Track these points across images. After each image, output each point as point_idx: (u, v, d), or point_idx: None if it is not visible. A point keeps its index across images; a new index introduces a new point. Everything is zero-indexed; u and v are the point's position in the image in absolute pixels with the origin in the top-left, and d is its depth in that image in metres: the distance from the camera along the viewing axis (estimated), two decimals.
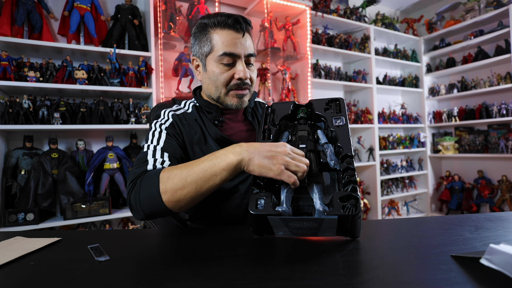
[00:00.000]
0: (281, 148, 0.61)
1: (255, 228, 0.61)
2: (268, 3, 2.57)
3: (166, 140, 0.77)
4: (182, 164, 0.65)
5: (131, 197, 0.66)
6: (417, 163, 3.64)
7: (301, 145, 0.67)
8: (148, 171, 0.69)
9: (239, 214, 0.83)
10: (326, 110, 0.73)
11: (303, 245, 0.57)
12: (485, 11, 3.09)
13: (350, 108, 3.21)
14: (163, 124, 0.81)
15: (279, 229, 0.60)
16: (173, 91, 2.38)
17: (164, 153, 0.74)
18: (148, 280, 0.44)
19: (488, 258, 0.41)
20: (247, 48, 0.83)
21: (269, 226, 0.60)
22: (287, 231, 0.60)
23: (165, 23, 2.23)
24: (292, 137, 0.71)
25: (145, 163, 0.71)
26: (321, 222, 0.55)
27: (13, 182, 1.81)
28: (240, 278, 0.44)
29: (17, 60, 1.85)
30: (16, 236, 0.67)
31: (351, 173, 0.61)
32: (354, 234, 0.58)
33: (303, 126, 0.71)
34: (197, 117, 0.87)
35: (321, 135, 0.71)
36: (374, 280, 0.42)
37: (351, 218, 0.54)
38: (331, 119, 0.71)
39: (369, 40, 3.18)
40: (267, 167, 0.59)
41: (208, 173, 0.61)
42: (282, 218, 0.56)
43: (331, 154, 0.66)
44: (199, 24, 0.85)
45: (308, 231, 0.58)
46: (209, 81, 0.85)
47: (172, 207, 0.64)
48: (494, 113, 3.04)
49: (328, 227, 0.56)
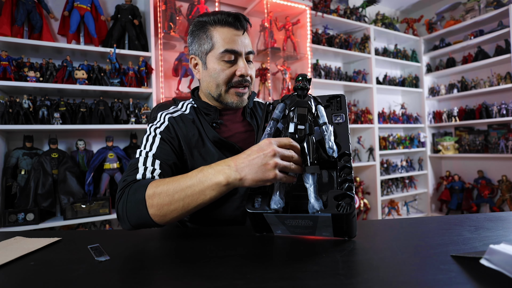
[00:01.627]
0: (267, 149, 0.58)
1: (254, 226, 0.62)
2: (268, 3, 2.57)
3: (159, 146, 0.76)
4: (171, 178, 0.63)
5: (119, 207, 0.65)
6: (417, 163, 3.64)
7: (300, 126, 0.62)
8: (137, 180, 0.68)
9: (238, 216, 0.83)
10: (326, 107, 0.71)
11: (303, 245, 0.57)
12: (485, 11, 3.09)
13: (350, 108, 3.21)
14: (158, 128, 0.80)
15: (277, 228, 0.60)
16: (173, 91, 2.38)
17: (155, 161, 0.72)
18: (148, 280, 0.44)
19: (488, 258, 0.41)
20: (247, 46, 0.83)
21: (267, 225, 0.60)
22: (285, 229, 0.60)
23: (165, 23, 2.23)
24: (290, 112, 0.65)
25: (135, 171, 0.70)
26: (315, 220, 0.55)
27: (13, 182, 1.81)
28: (240, 278, 0.44)
29: (17, 60, 1.85)
30: (16, 236, 0.67)
31: (347, 171, 0.60)
32: (350, 234, 0.58)
33: (303, 102, 0.64)
34: (195, 119, 0.86)
35: (322, 112, 0.65)
36: (374, 280, 0.42)
37: (345, 217, 0.54)
38: (331, 117, 0.69)
39: (369, 40, 3.18)
40: (262, 179, 0.58)
41: (196, 192, 0.60)
42: (278, 216, 0.57)
43: (330, 137, 0.62)
44: (197, 22, 0.84)
45: (305, 230, 0.58)
46: (209, 79, 0.84)
47: (158, 221, 0.63)
48: (494, 113, 3.04)
49: (324, 226, 0.56)
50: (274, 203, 0.60)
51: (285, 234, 0.62)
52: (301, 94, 0.66)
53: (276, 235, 0.63)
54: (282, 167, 0.58)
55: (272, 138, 0.60)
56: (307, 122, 0.63)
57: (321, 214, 0.54)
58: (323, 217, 0.54)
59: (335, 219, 0.54)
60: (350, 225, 0.56)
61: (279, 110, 0.67)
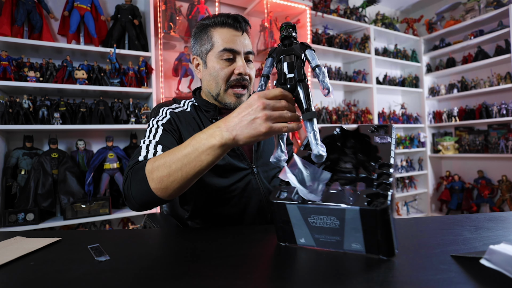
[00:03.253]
0: (255, 103, 0.56)
1: (277, 230, 0.57)
2: (268, 3, 2.57)
3: (162, 135, 0.78)
4: (167, 152, 0.64)
5: (124, 188, 0.68)
6: (417, 163, 3.64)
7: (289, 75, 0.59)
8: (139, 162, 0.70)
9: (236, 213, 0.84)
10: (372, 132, 0.65)
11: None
12: (485, 11, 3.09)
13: (350, 108, 3.21)
14: (160, 121, 0.82)
15: (300, 231, 0.54)
16: (173, 91, 2.38)
17: (158, 146, 0.74)
18: (148, 280, 0.44)
19: (488, 258, 0.41)
20: (246, 46, 0.86)
21: (291, 228, 0.55)
22: (308, 234, 0.53)
23: (165, 23, 2.23)
24: (277, 64, 0.61)
25: (137, 154, 0.73)
26: (342, 217, 0.48)
27: (13, 182, 1.81)
28: (240, 278, 0.44)
29: (17, 60, 1.85)
30: (16, 236, 0.67)
31: (386, 178, 0.53)
32: (387, 249, 0.47)
33: (289, 49, 0.60)
34: (195, 116, 0.88)
35: (311, 55, 0.60)
36: (374, 280, 0.42)
37: (379, 215, 0.45)
38: (373, 137, 0.63)
39: (369, 40, 3.18)
40: (255, 135, 0.56)
41: (192, 159, 0.60)
42: (301, 208, 0.52)
43: (324, 78, 0.58)
44: (200, 25, 0.89)
45: (331, 237, 0.51)
46: (209, 78, 0.87)
47: (161, 195, 0.63)
48: (494, 113, 3.04)
49: (352, 229, 0.48)
50: (274, 157, 0.58)
51: (309, 245, 0.54)
52: (287, 43, 0.61)
53: (300, 245, 0.55)
54: (275, 117, 0.56)
55: (260, 92, 0.58)
56: (295, 68, 0.58)
57: (349, 206, 0.47)
58: (350, 211, 0.47)
59: (364, 216, 0.46)
60: (386, 232, 0.46)
61: (268, 65, 0.63)
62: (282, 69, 0.59)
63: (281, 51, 0.60)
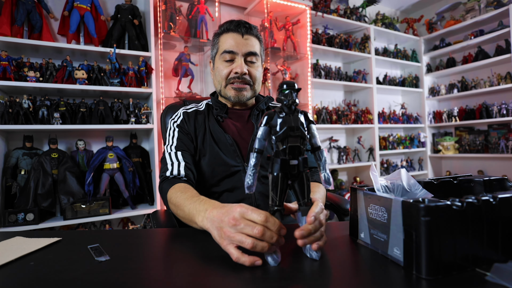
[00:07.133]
0: (228, 216, 0.52)
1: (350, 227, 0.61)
2: (268, 3, 2.57)
3: (178, 138, 0.93)
4: (179, 197, 0.74)
5: (160, 191, 0.87)
6: (417, 163, 3.64)
7: (292, 162, 0.50)
8: (166, 177, 0.87)
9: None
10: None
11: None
12: (485, 11, 3.09)
13: (351, 108, 3.21)
14: (176, 122, 0.97)
15: (362, 225, 0.57)
16: (173, 91, 2.38)
17: (177, 153, 0.90)
18: (148, 280, 0.44)
19: (493, 276, 0.40)
20: (246, 47, 0.94)
21: (356, 222, 0.59)
22: (366, 228, 0.55)
23: (165, 23, 2.23)
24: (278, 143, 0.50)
25: (165, 167, 0.88)
26: (389, 206, 0.49)
27: (13, 182, 1.81)
28: (240, 278, 0.44)
29: (17, 60, 1.85)
30: (16, 236, 0.67)
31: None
32: (423, 267, 0.41)
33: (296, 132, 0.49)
34: (206, 113, 1.00)
35: (314, 132, 0.53)
36: (374, 280, 0.41)
37: (419, 212, 0.42)
38: None
39: (369, 40, 3.18)
40: (218, 241, 0.53)
41: (187, 220, 0.70)
42: (365, 195, 0.56)
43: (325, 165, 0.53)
44: (214, 34, 1.02)
45: (381, 233, 0.51)
46: (215, 77, 1.01)
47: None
48: (494, 113, 3.04)
49: (396, 225, 0.47)
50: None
51: (365, 242, 0.56)
52: (288, 112, 0.50)
53: (360, 240, 0.58)
54: (236, 239, 0.49)
55: (245, 206, 0.51)
56: (301, 156, 0.50)
57: (394, 197, 0.47)
58: (395, 202, 0.46)
59: (406, 211, 0.44)
60: (425, 238, 0.41)
61: (262, 137, 0.51)
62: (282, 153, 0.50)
63: (281, 123, 0.50)
